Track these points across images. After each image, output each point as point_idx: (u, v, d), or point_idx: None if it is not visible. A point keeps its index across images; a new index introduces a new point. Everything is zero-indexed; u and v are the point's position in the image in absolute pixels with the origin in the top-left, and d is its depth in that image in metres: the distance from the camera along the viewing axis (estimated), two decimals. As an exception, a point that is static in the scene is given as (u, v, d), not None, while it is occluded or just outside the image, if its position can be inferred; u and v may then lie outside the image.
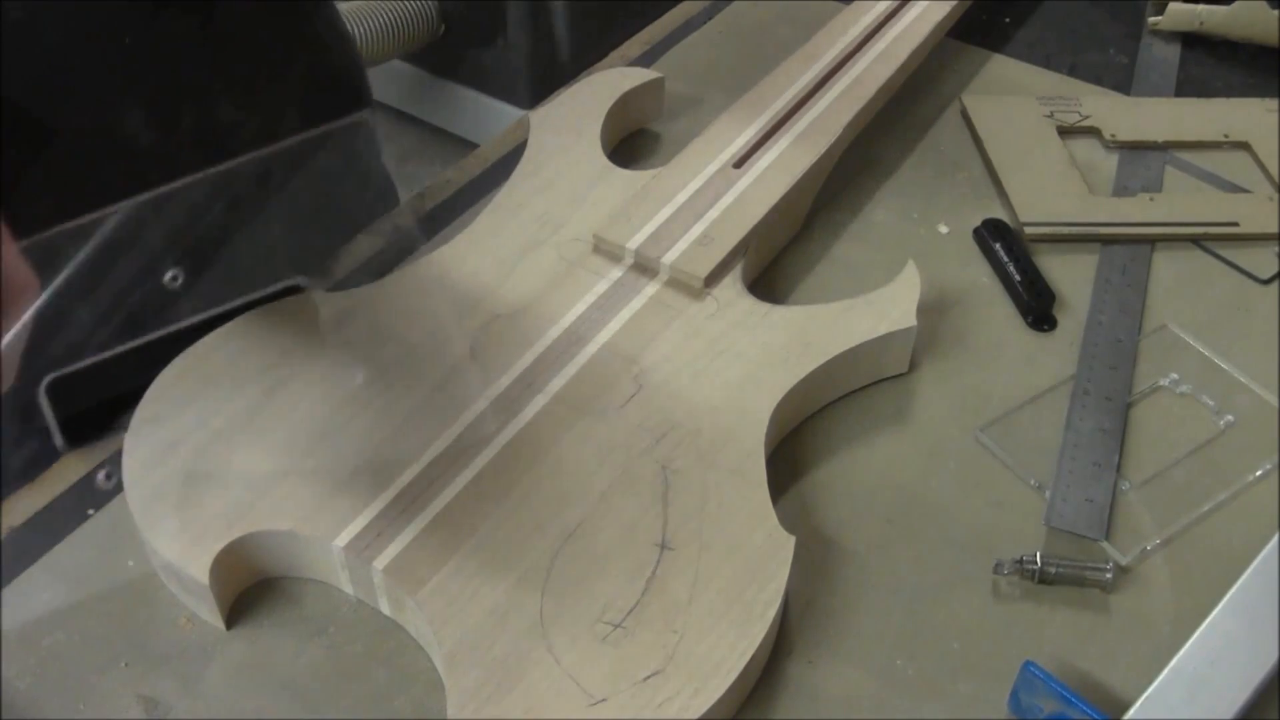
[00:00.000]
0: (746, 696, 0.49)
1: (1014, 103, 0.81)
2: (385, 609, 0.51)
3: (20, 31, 0.40)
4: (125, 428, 0.41)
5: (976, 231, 0.71)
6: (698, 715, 0.45)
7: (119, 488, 0.44)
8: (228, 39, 0.48)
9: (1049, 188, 0.74)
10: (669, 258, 0.62)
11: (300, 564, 0.52)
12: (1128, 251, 0.70)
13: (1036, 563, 0.53)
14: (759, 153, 0.69)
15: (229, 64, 0.40)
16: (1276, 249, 0.71)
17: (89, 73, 0.37)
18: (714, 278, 0.62)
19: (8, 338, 0.38)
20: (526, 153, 0.71)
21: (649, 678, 0.46)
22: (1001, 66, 0.87)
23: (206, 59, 0.41)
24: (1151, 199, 0.74)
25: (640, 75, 0.76)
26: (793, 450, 0.59)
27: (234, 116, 0.53)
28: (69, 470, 0.56)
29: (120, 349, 0.41)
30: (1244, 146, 0.78)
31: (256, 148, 0.45)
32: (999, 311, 0.67)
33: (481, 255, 0.63)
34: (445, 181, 0.76)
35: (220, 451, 0.53)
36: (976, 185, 0.76)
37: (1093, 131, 0.79)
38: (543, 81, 1.88)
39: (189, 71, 0.39)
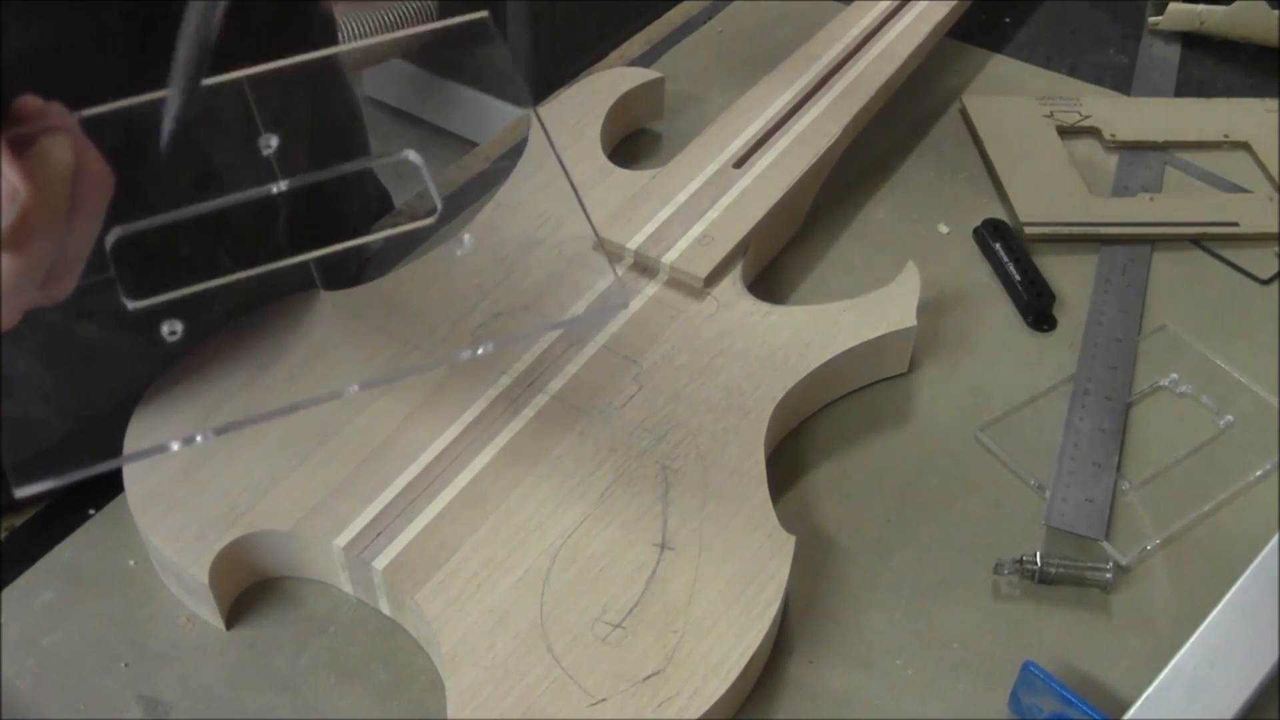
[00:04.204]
0: (746, 696, 0.49)
1: (1014, 103, 0.81)
2: (385, 609, 0.51)
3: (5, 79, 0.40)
4: (189, 286, 0.40)
5: (976, 231, 0.71)
6: (698, 715, 0.45)
7: (184, 343, 0.43)
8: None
9: (1049, 188, 0.74)
10: (669, 258, 0.62)
11: (300, 564, 0.52)
12: (1128, 251, 0.70)
13: (1036, 563, 0.53)
14: (759, 153, 0.69)
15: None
16: (1276, 249, 0.71)
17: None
18: (714, 278, 0.62)
19: (79, 238, 0.37)
20: (526, 152, 0.71)
21: (649, 678, 0.46)
22: (1001, 66, 0.87)
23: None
24: (1151, 199, 0.74)
25: (640, 75, 0.76)
26: (793, 450, 0.59)
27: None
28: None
29: (191, 211, 0.41)
30: (1244, 146, 0.78)
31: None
32: (999, 311, 0.67)
33: (482, 253, 0.63)
34: (445, 180, 0.76)
35: (221, 451, 0.53)
36: (976, 185, 0.76)
37: (1093, 131, 0.79)
38: (543, 81, 1.88)
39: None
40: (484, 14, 0.42)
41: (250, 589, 0.52)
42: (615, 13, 1.79)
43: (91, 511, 0.55)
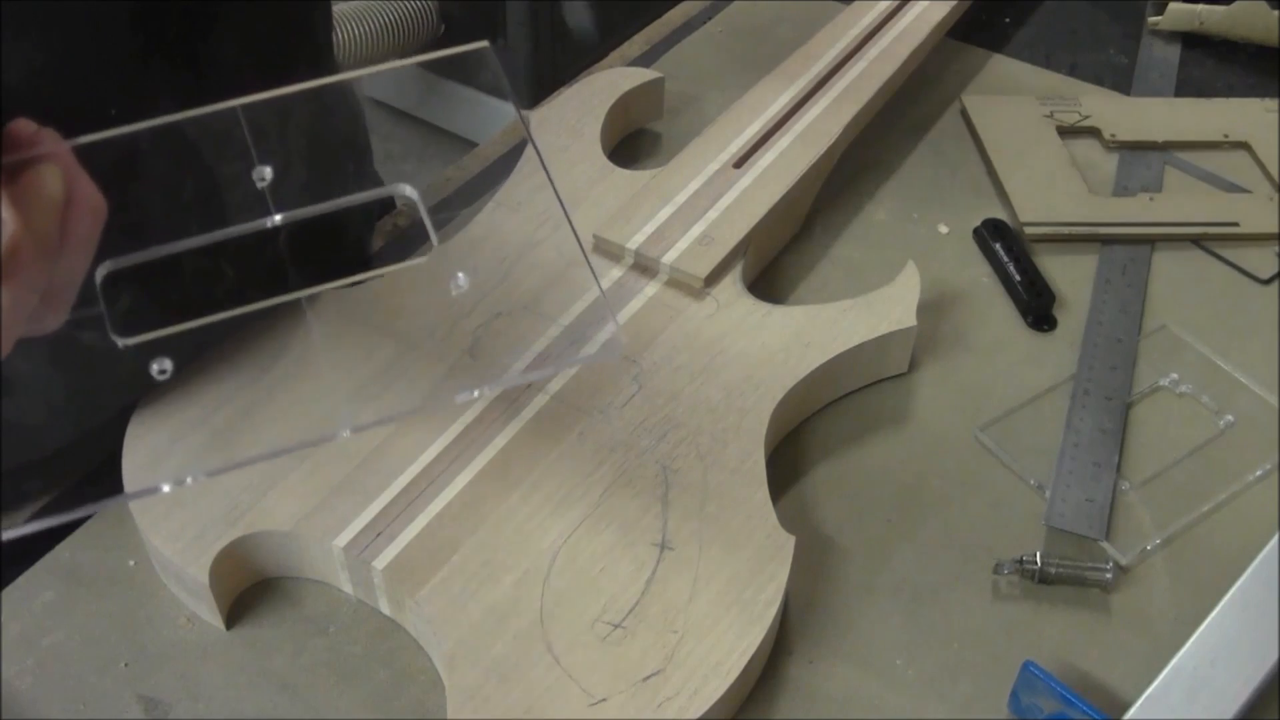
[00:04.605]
0: (746, 696, 0.49)
1: (1014, 103, 0.81)
2: (385, 609, 0.51)
3: (6, 95, 0.40)
4: (185, 314, 0.40)
5: (976, 231, 0.71)
6: (698, 715, 0.45)
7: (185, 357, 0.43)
8: (217, 97, 0.48)
9: (1049, 188, 0.74)
10: (669, 258, 0.62)
11: (300, 564, 0.52)
12: (1128, 251, 0.70)
13: (1036, 563, 0.53)
14: (759, 153, 0.69)
15: None
16: (1276, 249, 0.71)
17: (74, 132, 0.37)
18: (714, 278, 0.62)
19: (67, 269, 0.37)
20: (526, 151, 0.71)
21: (649, 678, 0.46)
22: (1001, 66, 0.87)
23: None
24: (1151, 199, 0.74)
25: (640, 75, 0.76)
26: (793, 450, 0.59)
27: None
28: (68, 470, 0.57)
29: (186, 244, 0.40)
30: (1244, 146, 0.78)
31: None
32: (999, 311, 0.67)
33: (481, 254, 0.63)
34: (445, 180, 0.76)
35: (220, 451, 0.53)
36: (976, 185, 0.76)
37: (1093, 131, 0.79)
38: (543, 81, 1.88)
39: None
40: (484, 44, 0.42)
41: (250, 589, 0.52)
42: (615, 13, 1.79)
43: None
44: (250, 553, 0.51)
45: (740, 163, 0.68)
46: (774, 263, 0.70)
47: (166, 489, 0.40)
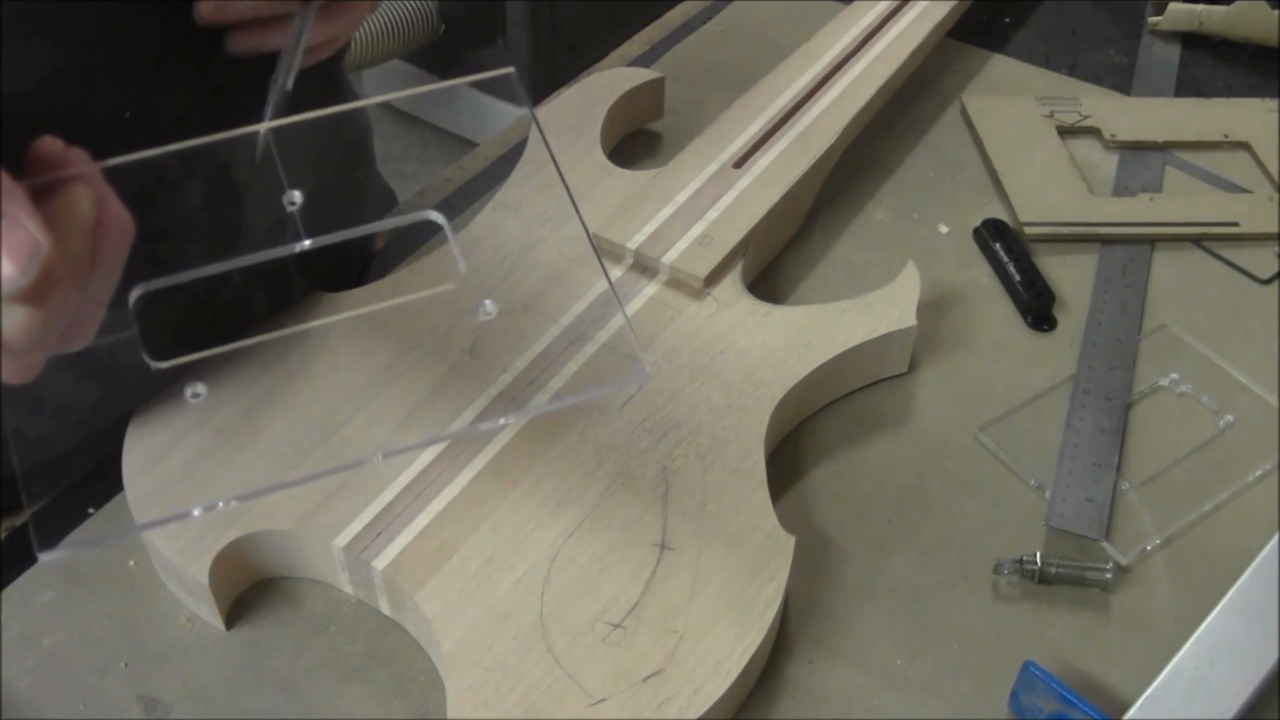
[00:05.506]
0: (746, 696, 0.49)
1: (1014, 103, 0.81)
2: (385, 609, 0.51)
3: (17, 105, 0.40)
4: (214, 345, 0.40)
5: (976, 231, 0.71)
6: (698, 715, 0.45)
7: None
8: (230, 99, 0.48)
9: (1049, 188, 0.74)
10: (669, 258, 0.62)
11: (300, 564, 0.52)
12: (1128, 251, 0.70)
13: (1036, 563, 0.53)
14: (759, 153, 0.69)
15: (232, 122, 0.40)
16: (1276, 249, 0.71)
17: (88, 145, 0.37)
18: (714, 278, 0.62)
19: (95, 293, 0.37)
20: (526, 152, 0.71)
21: (649, 678, 0.46)
22: (1001, 66, 0.87)
23: (210, 117, 0.41)
24: (1151, 199, 0.74)
25: (640, 75, 0.76)
26: (793, 450, 0.59)
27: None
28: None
29: (214, 269, 0.40)
30: (1244, 146, 0.78)
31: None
32: (999, 311, 0.67)
33: (481, 253, 0.63)
34: (445, 180, 0.76)
35: (220, 451, 0.53)
36: (976, 185, 0.76)
37: (1093, 131, 0.79)
38: (543, 81, 1.88)
39: (192, 133, 0.39)
40: (510, 69, 0.43)
41: (250, 589, 0.52)
42: (615, 13, 1.79)
43: (91, 511, 0.55)
44: (250, 553, 0.51)
45: (740, 163, 0.68)
46: (774, 263, 0.70)
47: (197, 513, 0.40)
